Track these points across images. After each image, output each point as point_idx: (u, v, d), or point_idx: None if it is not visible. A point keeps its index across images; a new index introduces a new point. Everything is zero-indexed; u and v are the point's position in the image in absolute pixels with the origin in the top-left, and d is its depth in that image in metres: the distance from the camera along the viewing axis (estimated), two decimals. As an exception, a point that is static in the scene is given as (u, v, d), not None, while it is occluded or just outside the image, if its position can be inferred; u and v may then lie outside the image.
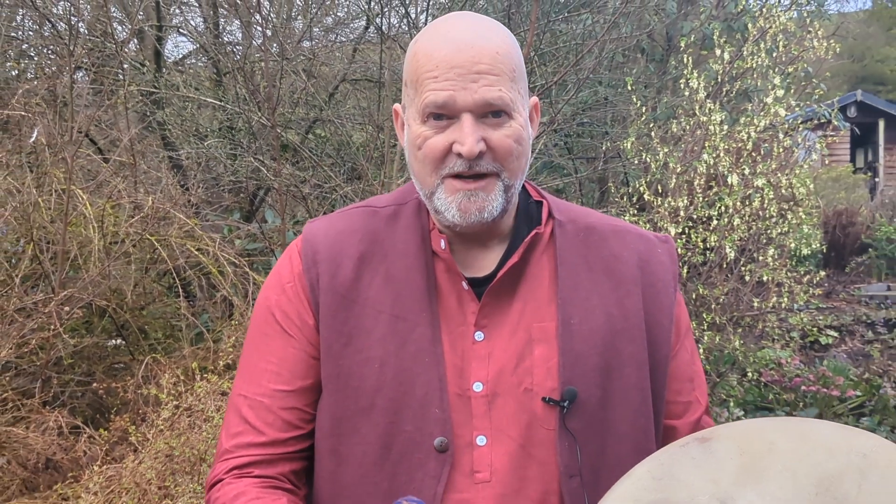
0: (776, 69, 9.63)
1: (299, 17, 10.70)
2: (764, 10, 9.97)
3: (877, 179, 26.19)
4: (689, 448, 1.77)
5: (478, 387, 1.91)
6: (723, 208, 9.02)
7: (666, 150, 9.15)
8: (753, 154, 9.26)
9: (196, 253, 6.37)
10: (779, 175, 9.40)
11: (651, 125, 9.53)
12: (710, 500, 1.73)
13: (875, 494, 1.68)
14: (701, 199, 9.09)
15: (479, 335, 1.94)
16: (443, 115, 1.85)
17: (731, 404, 9.93)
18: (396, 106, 2.05)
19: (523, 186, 2.06)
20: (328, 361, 1.97)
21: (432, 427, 1.89)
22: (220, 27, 9.45)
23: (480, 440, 1.89)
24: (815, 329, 13.29)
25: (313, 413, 2.02)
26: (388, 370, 1.90)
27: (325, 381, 1.98)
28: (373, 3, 9.32)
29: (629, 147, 9.45)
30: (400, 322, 1.93)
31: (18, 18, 9.36)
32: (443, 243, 1.98)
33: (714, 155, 8.90)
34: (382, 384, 1.90)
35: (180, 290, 6.48)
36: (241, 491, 1.95)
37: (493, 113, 1.85)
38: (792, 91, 9.91)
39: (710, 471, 1.75)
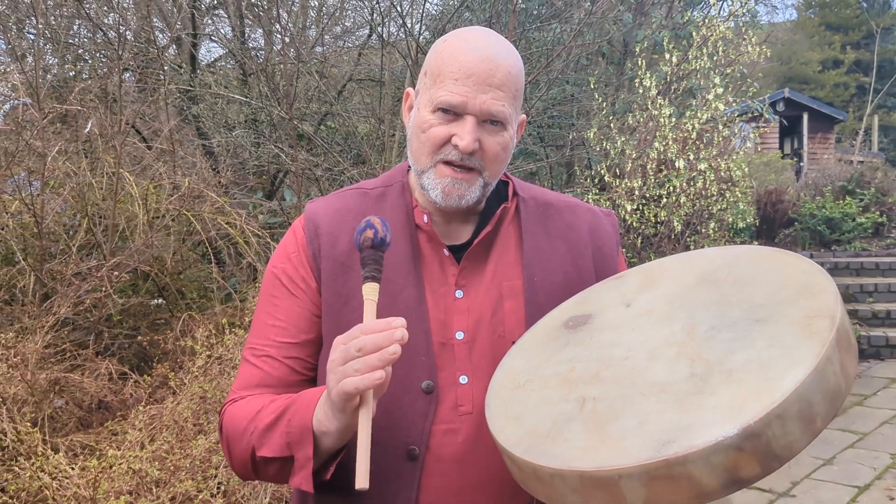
0: (716, 70, 9.62)
1: (313, 27, 10.65)
2: (706, 20, 9.97)
3: (801, 164, 26.19)
4: (607, 282, 2.01)
5: (460, 335, 1.97)
6: (671, 188, 9.03)
7: (623, 139, 9.15)
8: (697, 142, 9.28)
9: (225, 226, 6.36)
10: (719, 160, 9.42)
11: (610, 118, 9.52)
12: (616, 304, 1.92)
13: (741, 275, 1.82)
14: (653, 180, 9.10)
15: (459, 293, 2.00)
16: (451, 111, 1.89)
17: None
18: (409, 90, 2.09)
19: None
20: (329, 318, 2.00)
21: (420, 372, 1.93)
22: (246, 35, 9.41)
23: (463, 379, 1.95)
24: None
25: (313, 363, 2.04)
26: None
27: (326, 336, 2.00)
28: (375, 15, 9.28)
29: (592, 136, 9.45)
30: (390, 285, 1.96)
31: (75, 28, 9.32)
32: (425, 217, 2.03)
33: (664, 143, 8.91)
34: None
35: (212, 258, 6.48)
36: (255, 397, 1.98)
37: (491, 121, 1.90)
38: (729, 89, 9.90)
39: (619, 291, 1.96)
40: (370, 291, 1.73)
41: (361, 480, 1.64)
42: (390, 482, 1.94)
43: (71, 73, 9.08)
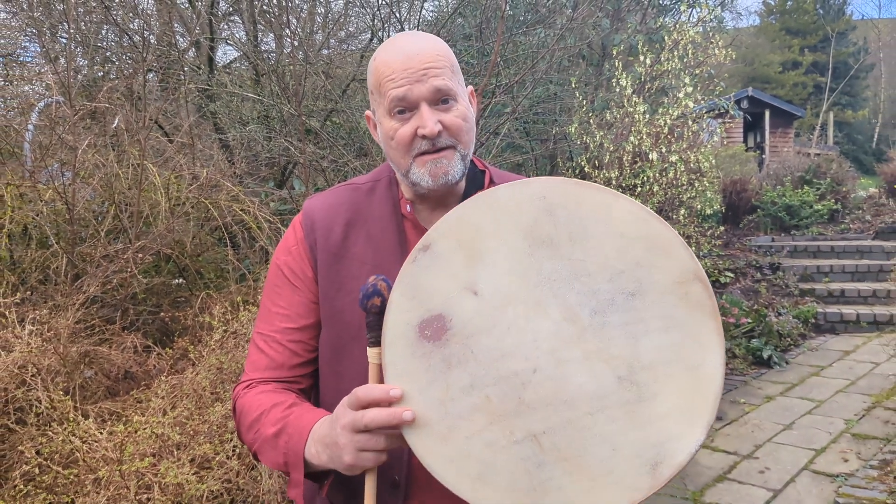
0: (686, 71, 9.60)
1: (319, 32, 10.63)
2: (677, 25, 9.95)
3: (764, 156, 26.21)
4: (419, 261, 1.72)
5: None
6: (645, 178, 9.02)
7: (601, 133, 9.13)
8: (669, 137, 9.26)
9: (240, 213, 6.34)
10: (688, 153, 9.40)
11: (590, 114, 9.50)
12: (460, 293, 1.69)
13: (569, 228, 1.66)
14: (628, 171, 9.08)
15: None
16: (405, 108, 1.90)
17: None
18: (368, 112, 2.10)
19: (471, 161, 2.11)
20: (325, 304, 2.05)
21: None
22: (259, 39, 9.38)
23: None
24: (716, 271, 13.33)
25: (314, 345, 2.08)
26: None
27: (324, 319, 2.05)
28: (376, 21, 9.26)
29: (573, 131, 9.43)
30: (378, 270, 1.96)
31: (103, 32, 9.29)
32: (408, 207, 2.06)
33: (638, 137, 8.90)
34: None
35: (228, 242, 6.47)
36: (261, 390, 2.03)
37: (442, 100, 1.91)
38: (698, 88, 9.89)
39: (445, 271, 1.70)
40: (374, 356, 1.73)
41: None
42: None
43: (99, 74, 9.05)
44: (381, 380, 1.73)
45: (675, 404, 1.59)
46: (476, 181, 2.11)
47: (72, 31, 7.33)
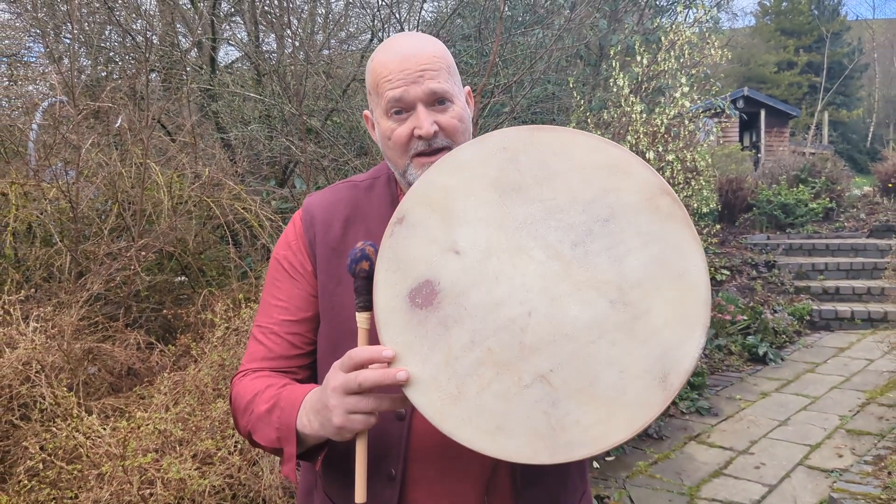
0: (682, 71, 9.59)
1: (320, 32, 10.63)
2: (673, 26, 9.93)
3: (759, 155, 26.21)
4: (396, 233, 1.73)
5: None
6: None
7: (599, 132, 9.12)
8: (665, 136, 9.25)
9: (241, 211, 6.34)
10: (685, 152, 9.40)
11: (588, 114, 9.49)
12: (443, 255, 1.70)
13: (532, 169, 1.68)
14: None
15: None
16: (402, 109, 1.90)
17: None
18: (366, 112, 2.11)
19: None
20: (324, 298, 2.05)
21: None
22: (260, 39, 9.38)
23: None
24: (712, 269, 13.33)
25: (311, 339, 2.09)
26: None
27: (323, 313, 2.06)
28: (376, 21, 9.26)
29: (571, 130, 9.42)
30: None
31: (107, 33, 9.29)
32: None
33: (635, 136, 8.89)
34: None
35: (229, 239, 6.46)
36: (256, 376, 2.05)
37: (438, 101, 1.91)
38: (694, 88, 9.88)
39: (423, 237, 1.71)
40: (363, 321, 1.74)
41: (360, 496, 1.74)
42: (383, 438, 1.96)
43: (103, 74, 9.06)
44: (370, 343, 1.73)
45: (670, 314, 1.61)
46: None
47: (75, 31, 7.34)
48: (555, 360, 1.63)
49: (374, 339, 1.74)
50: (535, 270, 1.66)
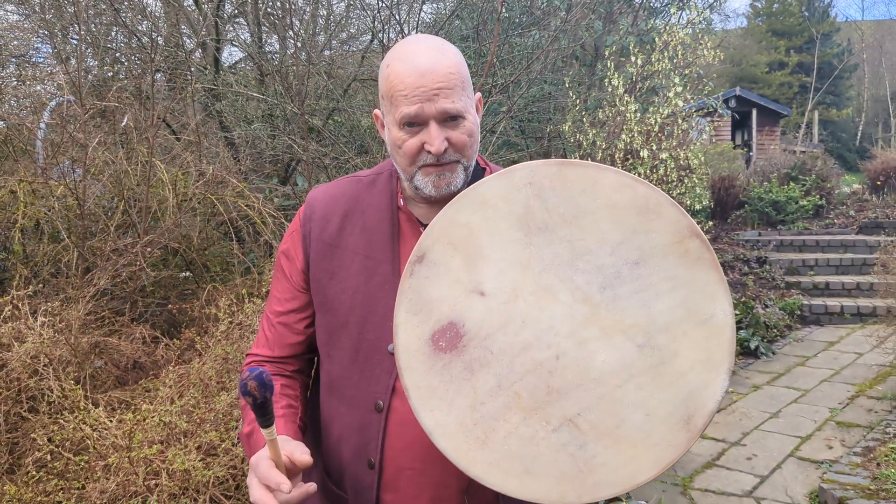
0: (676, 71, 9.60)
1: (321, 33, 10.62)
2: (667, 27, 9.93)
3: (751, 154, 26.23)
4: (417, 274, 1.67)
5: None
6: (637, 175, 9.01)
7: (594, 131, 9.12)
8: (659, 135, 9.26)
9: (245, 208, 6.34)
10: (678, 150, 9.39)
11: (583, 113, 9.50)
12: (467, 296, 1.64)
13: (559, 206, 1.63)
14: (620, 168, 9.07)
15: None
16: (414, 123, 1.90)
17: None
18: (377, 112, 2.11)
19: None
20: (318, 292, 2.11)
21: (388, 336, 1.96)
22: (263, 40, 9.37)
23: None
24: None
25: (299, 329, 2.18)
26: (358, 296, 2.02)
27: (317, 307, 2.13)
28: (376, 23, 9.24)
29: (567, 129, 9.43)
30: (370, 261, 2.04)
31: (113, 34, 9.28)
32: (401, 201, 2.10)
33: (630, 135, 8.89)
34: (354, 306, 2.02)
35: (233, 236, 6.46)
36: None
37: (451, 118, 1.90)
38: (687, 88, 9.88)
39: (446, 277, 1.66)
40: (267, 434, 1.68)
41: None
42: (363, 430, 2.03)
43: (109, 74, 9.04)
44: (276, 454, 1.70)
45: (696, 358, 1.59)
46: (477, 179, 2.08)
47: (82, 32, 7.32)
48: (582, 404, 1.61)
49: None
50: (562, 313, 1.62)
